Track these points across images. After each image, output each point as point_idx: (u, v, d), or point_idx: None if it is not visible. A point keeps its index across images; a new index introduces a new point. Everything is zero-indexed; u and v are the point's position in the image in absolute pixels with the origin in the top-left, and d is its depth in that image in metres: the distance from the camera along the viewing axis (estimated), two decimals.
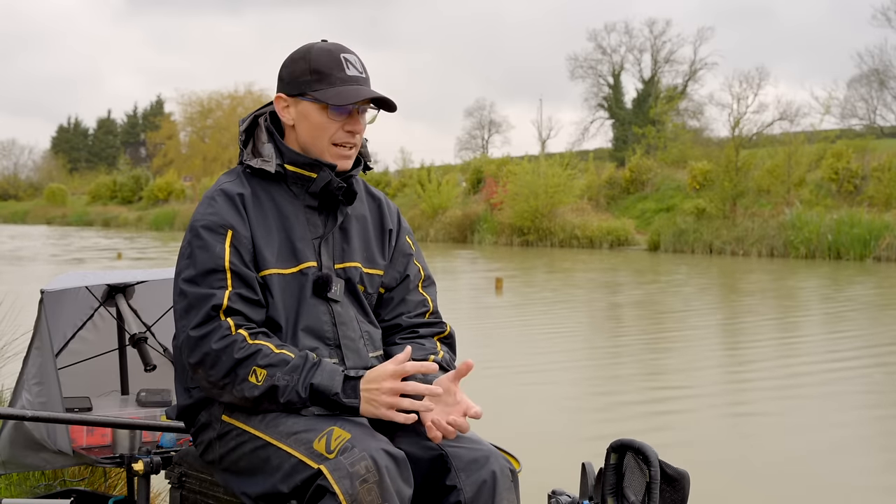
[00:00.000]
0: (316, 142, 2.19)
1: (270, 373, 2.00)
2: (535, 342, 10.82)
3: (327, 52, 2.18)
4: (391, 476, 1.86)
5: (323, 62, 2.16)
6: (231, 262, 2.08)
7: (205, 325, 2.04)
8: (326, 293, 2.17)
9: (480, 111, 61.58)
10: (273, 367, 2.01)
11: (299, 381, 2.00)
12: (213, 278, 2.07)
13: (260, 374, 2.01)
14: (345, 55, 2.18)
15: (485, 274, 20.36)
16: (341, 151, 2.19)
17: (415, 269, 2.35)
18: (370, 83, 2.20)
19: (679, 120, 42.69)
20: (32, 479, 3.88)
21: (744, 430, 6.78)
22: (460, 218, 34.48)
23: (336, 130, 2.18)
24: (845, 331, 11.91)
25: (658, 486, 1.99)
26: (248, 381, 2.01)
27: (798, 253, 24.88)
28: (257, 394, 2.01)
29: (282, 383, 2.00)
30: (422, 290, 2.35)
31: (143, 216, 51.15)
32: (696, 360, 9.73)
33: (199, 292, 2.06)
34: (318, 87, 2.15)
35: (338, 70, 2.16)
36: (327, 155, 2.19)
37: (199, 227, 2.12)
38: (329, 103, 2.14)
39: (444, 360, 2.25)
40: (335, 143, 2.19)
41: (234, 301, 2.06)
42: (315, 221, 2.21)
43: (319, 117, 2.17)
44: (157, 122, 78.62)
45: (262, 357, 2.02)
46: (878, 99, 45.86)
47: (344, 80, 2.15)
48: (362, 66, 2.20)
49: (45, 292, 2.81)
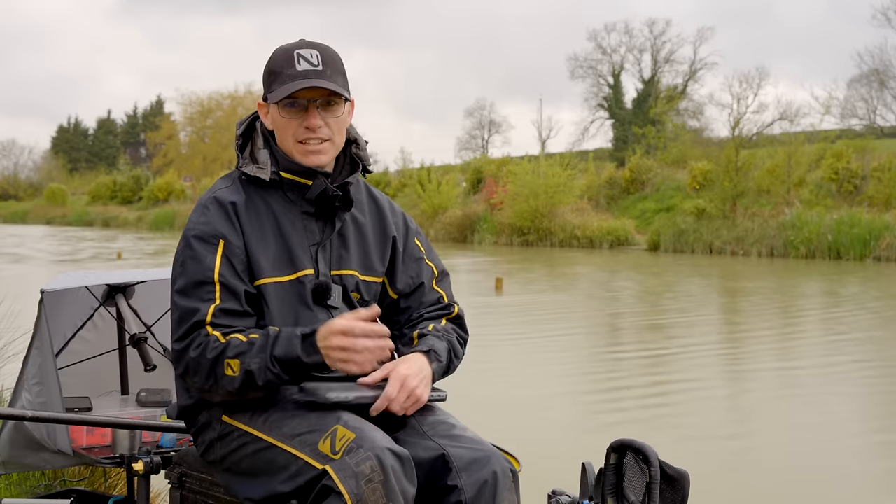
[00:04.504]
0: (283, 143, 2.18)
1: (242, 361, 2.00)
2: (535, 342, 10.82)
3: (284, 50, 2.17)
4: (396, 476, 1.86)
5: (276, 61, 2.16)
6: (221, 275, 2.08)
7: (185, 338, 2.06)
8: (326, 300, 2.16)
9: (480, 111, 61.63)
10: (242, 354, 2.00)
11: (267, 358, 1.99)
12: (202, 290, 2.07)
13: (234, 365, 2.01)
14: (300, 50, 2.14)
15: (485, 274, 20.35)
16: (306, 147, 2.16)
17: (428, 270, 2.34)
18: (330, 76, 2.14)
19: (679, 120, 42.67)
20: (32, 479, 3.88)
21: (744, 430, 6.78)
22: (460, 218, 34.47)
23: (296, 128, 2.15)
24: (845, 331, 11.90)
25: (658, 486, 1.99)
26: (227, 376, 2.01)
27: (798, 253, 24.88)
28: (238, 385, 2.01)
29: (254, 367, 1.99)
30: (436, 286, 2.34)
31: (143, 216, 51.14)
32: (697, 360, 9.73)
33: (187, 306, 2.07)
34: (272, 88, 2.15)
35: (288, 67, 2.13)
36: (296, 154, 2.16)
37: (190, 237, 2.11)
38: (273, 101, 2.14)
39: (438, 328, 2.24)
40: (298, 140, 2.16)
41: (218, 316, 2.06)
42: (312, 228, 2.19)
43: (278, 117, 2.16)
44: (157, 122, 78.61)
45: (232, 349, 2.01)
46: (878, 99, 45.83)
47: (293, 77, 2.12)
48: (321, 60, 2.14)
49: (45, 292, 2.81)
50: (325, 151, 2.17)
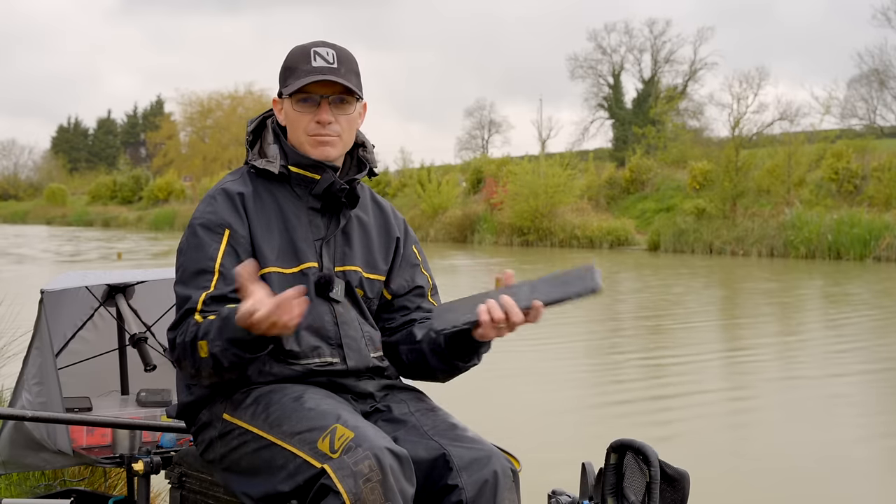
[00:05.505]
0: (295, 136, 2.21)
1: (209, 343, 1.98)
2: (535, 342, 10.82)
3: (301, 48, 2.21)
4: (395, 475, 1.86)
5: (293, 58, 2.20)
6: (222, 265, 2.09)
7: (177, 326, 2.07)
8: (329, 293, 2.17)
9: (480, 111, 61.56)
10: (207, 334, 1.98)
11: (223, 342, 1.95)
12: (200, 279, 2.08)
13: (203, 346, 1.99)
14: (316, 49, 2.18)
15: (485, 274, 20.35)
16: (316, 139, 2.18)
17: (424, 278, 2.37)
18: (344, 74, 2.17)
19: (679, 120, 42.63)
20: (32, 479, 3.88)
21: (744, 431, 6.78)
22: (460, 218, 34.47)
23: (307, 122, 2.18)
24: (845, 331, 11.90)
25: (658, 486, 1.99)
26: (203, 358, 2.00)
27: (798, 253, 24.87)
28: (213, 364, 1.99)
29: (216, 349, 1.97)
30: (430, 299, 2.37)
31: (143, 216, 51.14)
32: (697, 360, 9.73)
33: (183, 293, 2.09)
34: (288, 83, 2.19)
35: (304, 63, 2.17)
36: (306, 146, 2.19)
37: (196, 226, 2.14)
38: (287, 94, 2.17)
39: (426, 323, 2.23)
40: (309, 134, 2.19)
41: (208, 304, 2.05)
42: (317, 223, 2.22)
43: (291, 111, 2.20)
44: (157, 122, 78.57)
45: (202, 329, 2.00)
46: (878, 99, 45.81)
47: (308, 72, 2.15)
48: (336, 59, 2.18)
49: (45, 292, 2.81)
50: (335, 145, 2.20)
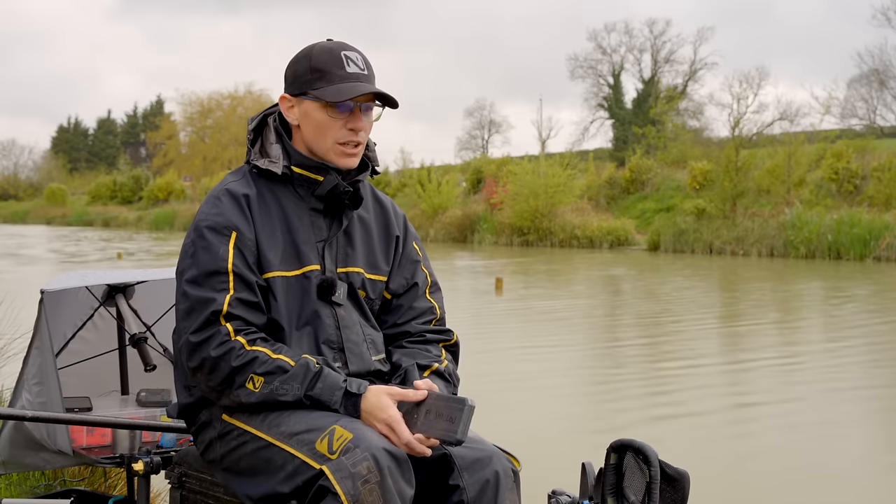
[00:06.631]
0: (320, 141, 2.17)
1: (268, 380, 2.01)
2: (536, 342, 10.82)
3: (328, 50, 2.17)
4: (393, 476, 1.86)
5: (323, 60, 2.15)
6: (234, 265, 2.07)
7: (204, 330, 2.04)
8: (331, 296, 2.16)
9: (480, 111, 61.58)
10: (271, 374, 2.01)
11: (300, 394, 2.01)
12: (215, 280, 2.06)
13: (257, 381, 2.01)
14: (346, 52, 2.16)
15: (485, 274, 20.35)
16: (346, 150, 2.17)
17: (423, 275, 2.34)
18: (373, 80, 2.18)
19: (679, 120, 42.66)
20: (32, 479, 3.88)
21: (744, 430, 6.78)
22: (460, 218, 34.48)
23: (339, 129, 2.15)
24: (845, 331, 11.91)
25: (658, 486, 1.99)
26: (245, 388, 2.02)
27: (798, 253, 24.88)
28: (254, 400, 2.02)
29: (280, 392, 2.01)
30: (429, 296, 2.34)
31: (143, 216, 51.15)
32: (697, 360, 9.73)
33: (201, 295, 2.05)
34: (318, 86, 2.14)
35: (337, 67, 2.14)
36: (332, 154, 2.17)
37: (203, 228, 2.11)
38: (328, 101, 2.13)
39: (447, 369, 2.24)
40: (339, 143, 2.17)
41: (235, 306, 2.05)
42: (320, 224, 2.20)
43: (321, 116, 2.15)
44: (157, 122, 78.55)
45: (260, 364, 2.01)
46: (878, 99, 45.81)
47: (344, 78, 2.13)
48: (364, 64, 2.17)
49: (45, 292, 2.81)
50: (359, 154, 2.20)
